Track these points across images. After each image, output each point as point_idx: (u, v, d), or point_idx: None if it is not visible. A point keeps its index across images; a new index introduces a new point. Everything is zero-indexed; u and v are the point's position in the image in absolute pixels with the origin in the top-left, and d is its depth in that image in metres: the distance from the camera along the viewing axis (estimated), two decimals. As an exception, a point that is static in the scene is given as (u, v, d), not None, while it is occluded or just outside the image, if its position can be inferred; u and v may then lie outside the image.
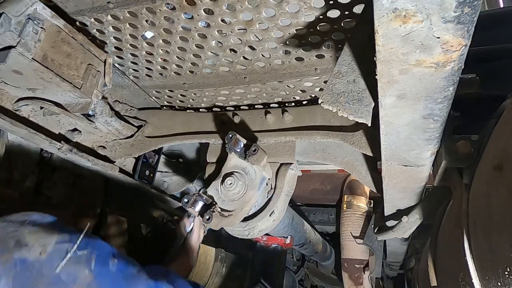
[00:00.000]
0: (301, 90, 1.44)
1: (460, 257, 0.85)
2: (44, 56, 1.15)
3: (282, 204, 1.46)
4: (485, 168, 0.82)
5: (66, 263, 0.96)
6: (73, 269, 0.97)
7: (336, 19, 1.03)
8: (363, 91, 0.80)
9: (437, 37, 0.53)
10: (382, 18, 0.52)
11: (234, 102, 1.64)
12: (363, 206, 2.66)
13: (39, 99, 1.34)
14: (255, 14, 1.06)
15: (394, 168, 1.03)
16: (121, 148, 1.73)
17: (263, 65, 1.34)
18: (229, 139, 1.33)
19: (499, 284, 0.67)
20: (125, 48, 1.37)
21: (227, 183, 1.30)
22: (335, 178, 2.89)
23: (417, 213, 1.29)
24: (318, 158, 1.53)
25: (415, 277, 2.26)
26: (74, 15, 1.23)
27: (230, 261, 2.72)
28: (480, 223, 0.78)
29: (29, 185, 1.64)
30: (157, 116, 1.77)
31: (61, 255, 0.97)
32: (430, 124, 0.77)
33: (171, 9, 1.10)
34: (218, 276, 2.58)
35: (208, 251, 2.46)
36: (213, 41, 1.23)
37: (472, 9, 0.47)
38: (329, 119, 1.42)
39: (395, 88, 0.67)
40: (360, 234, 2.58)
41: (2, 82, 1.24)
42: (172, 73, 1.49)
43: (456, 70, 0.60)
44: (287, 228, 2.01)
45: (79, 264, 0.99)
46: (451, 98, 0.69)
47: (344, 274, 2.73)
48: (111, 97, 1.71)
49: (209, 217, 1.26)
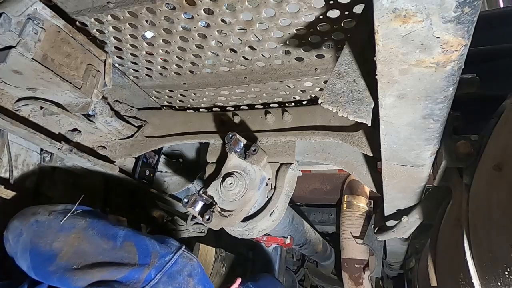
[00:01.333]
0: (301, 90, 1.44)
1: (460, 257, 0.85)
2: (44, 56, 1.15)
3: (282, 204, 1.46)
4: (485, 168, 0.82)
5: (67, 217, 1.30)
6: (73, 220, 1.31)
7: (336, 19, 1.03)
8: (363, 91, 0.80)
9: (437, 37, 0.53)
10: (382, 18, 0.52)
11: (234, 102, 1.63)
12: (363, 206, 2.66)
13: (39, 99, 1.34)
14: (255, 14, 1.06)
15: (394, 168, 1.03)
16: (121, 148, 1.73)
17: (263, 65, 1.34)
18: (229, 139, 1.33)
19: (499, 284, 0.67)
20: (125, 48, 1.37)
21: (227, 183, 1.30)
22: (335, 178, 2.89)
23: (417, 213, 1.29)
24: (318, 158, 1.53)
25: (415, 277, 2.26)
26: (74, 15, 1.23)
27: (230, 261, 2.72)
28: (480, 223, 0.78)
29: (29, 185, 1.64)
30: (157, 116, 1.77)
31: (65, 215, 1.30)
32: (430, 124, 0.77)
33: (171, 9, 1.10)
34: (218, 276, 2.57)
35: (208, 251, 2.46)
36: (213, 41, 1.23)
37: (472, 9, 0.47)
38: (329, 119, 1.42)
39: (395, 88, 0.67)
40: (360, 234, 2.58)
41: (2, 82, 1.24)
42: (172, 73, 1.49)
43: (456, 70, 0.60)
44: (287, 228, 2.01)
45: (77, 217, 1.32)
46: (451, 98, 0.69)
47: (344, 274, 2.73)
48: (111, 97, 1.71)
49: (209, 217, 1.26)
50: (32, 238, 1.26)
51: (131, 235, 1.32)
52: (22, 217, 1.33)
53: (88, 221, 1.31)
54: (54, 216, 1.31)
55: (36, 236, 1.27)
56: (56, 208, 1.36)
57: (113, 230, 1.32)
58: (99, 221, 1.34)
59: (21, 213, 1.36)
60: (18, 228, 1.30)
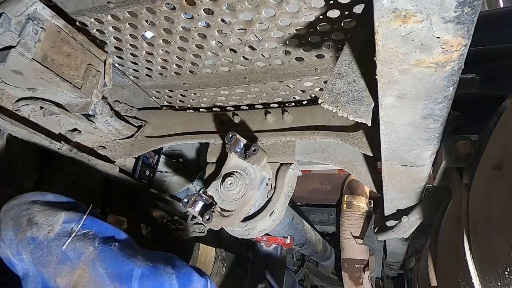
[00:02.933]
0: (301, 90, 1.44)
1: (460, 257, 0.85)
2: (44, 56, 1.15)
3: (282, 204, 1.46)
4: (485, 168, 0.82)
5: (72, 240, 1.05)
6: (78, 246, 1.06)
7: (336, 19, 1.03)
8: (363, 91, 0.80)
9: (437, 37, 0.53)
10: (382, 18, 0.52)
11: (234, 102, 1.63)
12: (363, 206, 2.66)
13: (39, 99, 1.34)
14: (255, 14, 1.06)
15: (394, 168, 1.03)
16: (121, 148, 1.73)
17: (263, 65, 1.34)
18: (229, 139, 1.33)
19: (499, 284, 0.67)
20: (125, 48, 1.37)
21: (227, 183, 1.30)
22: (335, 178, 2.89)
23: (417, 213, 1.29)
24: (318, 158, 1.53)
25: (415, 277, 2.26)
26: (74, 15, 1.23)
27: (230, 261, 2.72)
28: (480, 223, 0.78)
29: (29, 185, 1.64)
30: (157, 116, 1.77)
31: (67, 233, 1.07)
32: (430, 124, 0.77)
33: (171, 9, 1.10)
34: (218, 276, 2.57)
35: (208, 251, 2.46)
36: (213, 41, 1.23)
37: (472, 9, 0.47)
38: (329, 119, 1.42)
39: (395, 88, 0.67)
40: (360, 234, 2.58)
41: (2, 82, 1.24)
42: (172, 73, 1.49)
43: (456, 70, 0.60)
44: (287, 228, 2.01)
45: (83, 241, 1.08)
46: (451, 98, 0.69)
47: (344, 274, 2.73)
48: (111, 97, 1.71)
49: (209, 217, 1.26)
50: (35, 264, 1.05)
51: (149, 275, 1.10)
52: (15, 223, 1.10)
53: (97, 249, 1.08)
54: (55, 235, 1.07)
55: (38, 262, 1.05)
56: (58, 219, 1.11)
57: (127, 266, 1.09)
58: (110, 249, 1.11)
59: (13, 214, 1.12)
60: (14, 243, 1.07)
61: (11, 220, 1.12)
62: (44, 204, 1.16)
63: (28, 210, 1.12)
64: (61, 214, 1.12)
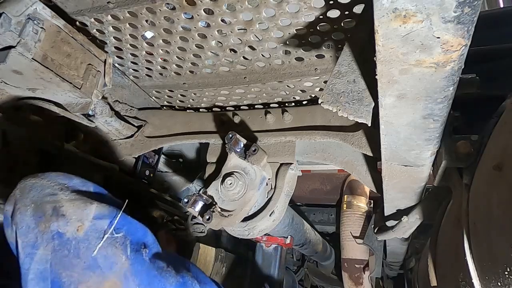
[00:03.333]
0: (301, 90, 1.44)
1: (460, 257, 0.85)
2: (44, 56, 1.15)
3: (282, 204, 1.46)
4: (485, 168, 0.82)
5: (102, 244, 0.92)
6: (110, 253, 0.93)
7: (336, 19, 1.03)
8: (363, 91, 0.80)
9: (437, 37, 0.53)
10: (382, 18, 0.52)
11: (234, 102, 1.63)
12: (363, 206, 2.65)
13: (39, 99, 1.34)
14: (255, 14, 1.06)
15: (394, 168, 1.03)
16: (121, 148, 1.73)
17: (263, 65, 1.34)
18: (229, 139, 1.33)
19: (499, 284, 0.67)
20: (125, 48, 1.37)
21: (227, 183, 1.30)
22: (335, 178, 2.89)
23: (417, 213, 1.29)
24: (318, 158, 1.53)
25: (415, 277, 2.26)
26: (74, 15, 1.23)
27: (230, 261, 2.72)
28: (480, 223, 0.78)
29: (29, 185, 1.63)
30: (157, 116, 1.77)
31: (98, 234, 0.93)
32: (430, 124, 0.77)
33: (171, 9, 1.10)
34: (218, 276, 2.57)
35: (208, 251, 2.46)
36: (213, 41, 1.23)
37: (472, 9, 0.47)
38: (329, 119, 1.42)
39: (395, 88, 0.67)
40: (360, 234, 2.58)
41: (2, 82, 1.24)
42: (172, 73, 1.49)
43: (456, 70, 0.60)
44: (287, 228, 2.01)
45: (115, 247, 0.95)
46: (451, 98, 0.69)
47: (344, 274, 2.73)
48: (111, 97, 1.71)
49: (209, 217, 1.26)
50: (53, 264, 0.90)
51: None
52: (37, 209, 0.93)
53: (129, 259, 0.95)
54: (84, 234, 0.92)
55: (58, 262, 0.90)
56: (88, 214, 0.95)
57: (159, 283, 0.98)
58: (142, 260, 0.98)
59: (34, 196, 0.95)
60: (32, 232, 0.91)
61: (32, 204, 0.95)
62: (73, 191, 1.00)
63: (54, 196, 0.96)
64: (92, 207, 0.97)
